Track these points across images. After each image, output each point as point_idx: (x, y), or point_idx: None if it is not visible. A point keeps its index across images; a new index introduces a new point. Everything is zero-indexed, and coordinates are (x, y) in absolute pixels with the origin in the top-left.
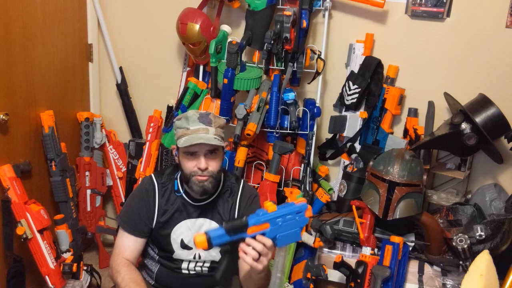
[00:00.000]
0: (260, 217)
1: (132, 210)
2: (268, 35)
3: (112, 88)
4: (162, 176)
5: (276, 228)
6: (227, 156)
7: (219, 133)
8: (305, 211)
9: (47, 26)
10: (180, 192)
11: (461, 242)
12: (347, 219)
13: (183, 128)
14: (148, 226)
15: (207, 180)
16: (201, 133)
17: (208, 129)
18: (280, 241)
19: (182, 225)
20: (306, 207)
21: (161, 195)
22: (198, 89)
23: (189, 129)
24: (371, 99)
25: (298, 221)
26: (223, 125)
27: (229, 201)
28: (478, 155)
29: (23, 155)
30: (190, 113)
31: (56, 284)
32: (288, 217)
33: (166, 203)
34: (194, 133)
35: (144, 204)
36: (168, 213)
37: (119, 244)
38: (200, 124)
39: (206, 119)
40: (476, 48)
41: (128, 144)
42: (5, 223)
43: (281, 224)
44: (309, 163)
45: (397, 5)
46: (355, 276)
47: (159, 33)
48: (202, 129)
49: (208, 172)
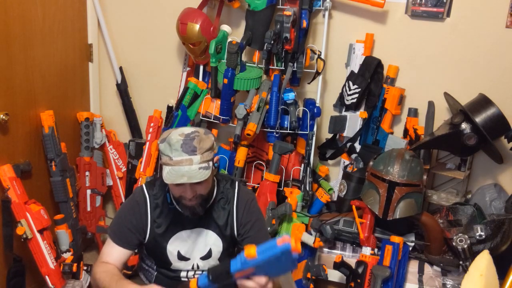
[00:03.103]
0: (242, 263)
1: (121, 221)
2: (268, 35)
3: (112, 88)
4: (153, 187)
5: (264, 270)
6: (227, 156)
7: (205, 158)
8: (289, 251)
9: (47, 26)
10: (173, 204)
11: (461, 242)
12: (347, 219)
13: (166, 156)
14: (138, 238)
15: (196, 204)
16: (185, 165)
17: (192, 159)
18: (274, 275)
19: (178, 237)
20: (289, 248)
21: (153, 207)
22: (198, 89)
23: (172, 159)
24: (371, 99)
25: (285, 261)
26: (211, 146)
27: (225, 208)
28: (478, 155)
29: (23, 155)
30: (173, 137)
31: (56, 284)
32: (272, 259)
33: (159, 215)
34: (177, 165)
35: (134, 216)
36: (162, 226)
37: (104, 252)
38: (183, 154)
39: (190, 147)
40: (476, 48)
41: (128, 144)
42: (5, 223)
43: (268, 266)
44: (309, 163)
45: (397, 5)
46: (355, 276)
47: (159, 33)
48: (185, 160)
49: (196, 197)
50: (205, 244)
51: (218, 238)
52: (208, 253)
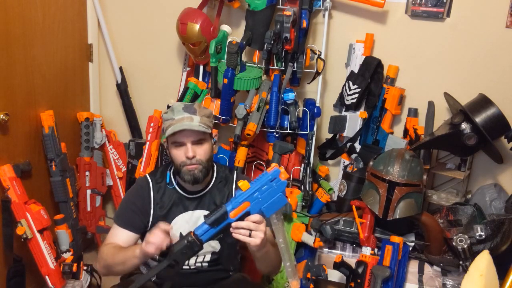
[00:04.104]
0: (237, 198)
1: (125, 205)
2: (268, 35)
3: (112, 88)
4: (156, 174)
5: (257, 203)
6: (227, 156)
7: (205, 122)
8: (279, 175)
9: (47, 26)
10: (172, 184)
11: (461, 242)
12: (347, 219)
13: (169, 120)
14: (143, 221)
15: (197, 169)
16: (186, 122)
17: (193, 117)
18: (267, 211)
19: (180, 218)
20: (279, 171)
21: (156, 190)
22: (198, 89)
23: (174, 119)
24: (371, 99)
25: (277, 187)
26: (210, 114)
27: (224, 190)
28: (478, 155)
29: (23, 155)
30: (175, 104)
31: (56, 284)
32: (265, 187)
33: (162, 197)
34: (179, 122)
35: (138, 198)
36: (165, 208)
37: (109, 236)
38: (184, 113)
39: (191, 109)
40: (476, 48)
41: (128, 144)
42: (5, 223)
43: (261, 197)
44: (309, 163)
45: (397, 5)
46: (355, 276)
47: (159, 33)
48: (186, 118)
49: (197, 160)
50: None
51: None
52: None
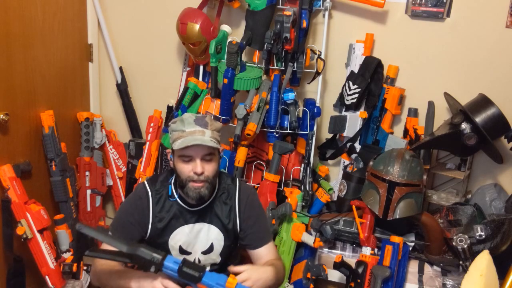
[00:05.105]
0: (215, 285)
1: (123, 216)
2: (268, 35)
3: (112, 88)
4: (155, 183)
5: None
6: (227, 156)
7: (215, 136)
8: None
9: (47, 26)
10: (174, 197)
11: (461, 242)
12: (347, 219)
13: (178, 131)
14: (140, 232)
15: (203, 186)
16: (198, 135)
17: (205, 131)
18: None
19: (180, 231)
20: None
21: (155, 202)
22: (198, 89)
23: (185, 131)
24: (371, 99)
25: None
26: (219, 128)
27: (227, 203)
28: (478, 155)
29: (23, 155)
30: (185, 115)
31: (56, 284)
32: None
33: (161, 210)
34: (190, 135)
35: (136, 210)
36: (164, 220)
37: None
38: (196, 126)
39: (202, 122)
40: (476, 48)
41: (128, 144)
42: (5, 223)
43: None
44: (309, 163)
45: (397, 5)
46: (355, 276)
47: (159, 33)
48: (198, 131)
49: (204, 177)
50: (207, 239)
51: (220, 232)
52: (210, 247)
